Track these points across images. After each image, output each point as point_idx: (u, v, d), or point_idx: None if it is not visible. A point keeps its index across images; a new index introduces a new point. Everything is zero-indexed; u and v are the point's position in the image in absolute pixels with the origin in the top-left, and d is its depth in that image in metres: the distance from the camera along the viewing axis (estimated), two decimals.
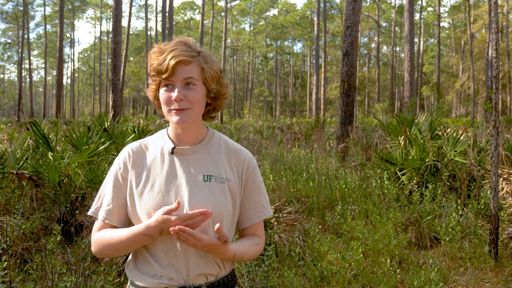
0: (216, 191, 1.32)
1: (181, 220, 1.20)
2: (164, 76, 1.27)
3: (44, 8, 43.02)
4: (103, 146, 4.42)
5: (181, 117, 1.29)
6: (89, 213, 1.39)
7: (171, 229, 1.19)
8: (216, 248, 1.26)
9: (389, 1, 52.15)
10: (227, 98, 1.44)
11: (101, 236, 1.33)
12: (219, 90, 1.39)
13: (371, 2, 49.41)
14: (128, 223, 1.39)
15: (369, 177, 5.75)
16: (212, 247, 1.25)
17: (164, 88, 1.30)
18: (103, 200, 1.37)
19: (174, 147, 1.36)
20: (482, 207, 4.88)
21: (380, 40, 50.94)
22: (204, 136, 1.41)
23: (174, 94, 1.27)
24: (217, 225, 1.22)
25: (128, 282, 1.37)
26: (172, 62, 1.25)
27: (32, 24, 61.80)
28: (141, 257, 1.33)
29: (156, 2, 46.93)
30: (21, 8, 41.37)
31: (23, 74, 53.15)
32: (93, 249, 1.36)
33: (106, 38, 61.30)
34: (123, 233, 1.28)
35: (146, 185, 1.32)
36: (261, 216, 1.44)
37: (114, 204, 1.34)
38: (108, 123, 6.10)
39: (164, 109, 1.31)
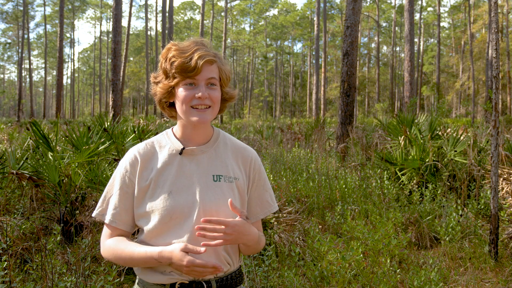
0: (226, 191, 1.34)
1: (193, 264, 1.20)
2: (190, 74, 1.28)
3: (44, 8, 43.02)
4: (103, 146, 4.42)
5: (202, 115, 1.31)
6: (93, 215, 1.39)
7: (196, 228, 1.22)
8: (244, 227, 1.28)
9: (389, 1, 52.16)
10: (235, 101, 1.47)
11: (112, 245, 1.33)
12: (232, 92, 1.43)
13: (371, 2, 49.40)
14: (135, 225, 1.39)
15: (369, 177, 5.74)
16: (241, 228, 1.26)
17: (185, 86, 1.31)
18: (109, 202, 1.36)
19: (183, 148, 1.36)
20: (482, 207, 4.88)
21: (380, 40, 50.93)
22: (210, 135, 1.42)
23: (200, 92, 1.29)
24: (229, 200, 1.27)
25: (136, 280, 1.37)
26: (201, 62, 1.27)
27: (32, 24, 61.82)
28: None
29: (156, 2, 46.95)
30: (21, 8, 41.37)
31: (23, 74, 53.17)
32: (102, 253, 1.37)
33: (106, 38, 61.31)
34: (135, 250, 1.28)
35: (156, 186, 1.32)
36: (266, 212, 1.47)
37: (121, 207, 1.34)
38: (108, 123, 6.10)
39: (183, 107, 1.32)
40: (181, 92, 1.31)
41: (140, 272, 1.34)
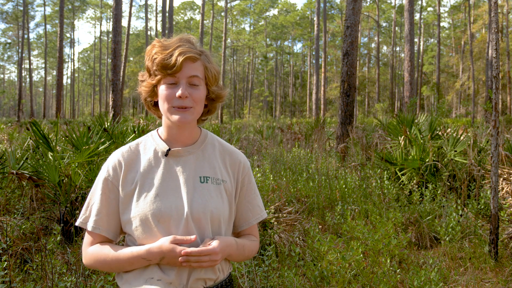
0: (213, 193, 1.30)
1: (186, 253, 1.18)
2: (170, 71, 1.23)
3: (44, 8, 43.02)
4: (103, 146, 4.42)
5: (182, 115, 1.25)
6: (77, 223, 1.33)
7: (180, 259, 1.17)
8: (222, 244, 1.25)
9: (389, 1, 52.15)
10: (224, 101, 1.41)
11: (95, 252, 1.28)
12: (219, 92, 1.37)
13: (371, 2, 49.40)
14: (120, 231, 1.34)
15: (369, 177, 5.74)
16: (224, 247, 1.25)
17: (166, 85, 1.26)
18: (91, 210, 1.30)
19: (169, 149, 1.31)
20: (482, 207, 4.88)
21: (380, 40, 50.93)
22: (197, 137, 1.38)
23: (180, 91, 1.23)
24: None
25: None
26: (181, 58, 1.22)
27: (32, 24, 61.84)
28: None
29: (156, 2, 46.94)
30: (21, 8, 41.37)
31: (23, 74, 53.17)
32: (84, 261, 1.31)
33: (106, 38, 61.30)
34: (120, 253, 1.24)
35: (142, 189, 1.27)
36: (258, 218, 1.42)
37: (104, 213, 1.29)
38: (108, 123, 6.10)
39: (164, 106, 1.27)
40: (162, 90, 1.26)
41: (123, 281, 1.28)
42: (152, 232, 1.24)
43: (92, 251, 1.29)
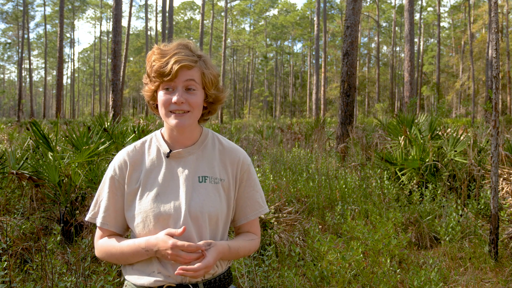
0: (211, 192, 1.35)
1: (177, 247, 1.23)
2: (166, 79, 1.28)
3: (44, 8, 43.01)
4: (103, 146, 4.42)
5: (180, 120, 1.31)
6: (86, 218, 1.41)
7: (176, 273, 1.23)
8: (219, 250, 1.30)
9: (389, 1, 52.15)
10: (224, 103, 1.47)
11: (104, 244, 1.36)
12: (217, 95, 1.41)
13: (371, 2, 49.40)
14: (126, 227, 1.41)
15: (369, 177, 5.74)
16: (218, 254, 1.29)
17: (164, 91, 1.31)
18: (100, 206, 1.38)
19: (170, 151, 1.37)
20: (482, 207, 4.88)
21: (380, 40, 50.93)
22: (198, 136, 1.43)
23: (175, 97, 1.29)
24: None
25: (125, 283, 1.38)
26: (176, 67, 1.26)
27: (32, 24, 61.80)
28: None
29: (156, 2, 46.92)
30: (21, 8, 41.37)
31: (23, 74, 53.15)
32: (96, 254, 1.39)
33: (106, 38, 61.29)
34: (124, 244, 1.32)
35: (145, 188, 1.33)
36: (256, 213, 1.46)
37: (111, 209, 1.36)
38: (108, 123, 6.10)
39: (162, 111, 1.33)
40: (160, 96, 1.32)
41: (128, 274, 1.35)
42: (152, 229, 1.30)
43: (101, 244, 1.37)
